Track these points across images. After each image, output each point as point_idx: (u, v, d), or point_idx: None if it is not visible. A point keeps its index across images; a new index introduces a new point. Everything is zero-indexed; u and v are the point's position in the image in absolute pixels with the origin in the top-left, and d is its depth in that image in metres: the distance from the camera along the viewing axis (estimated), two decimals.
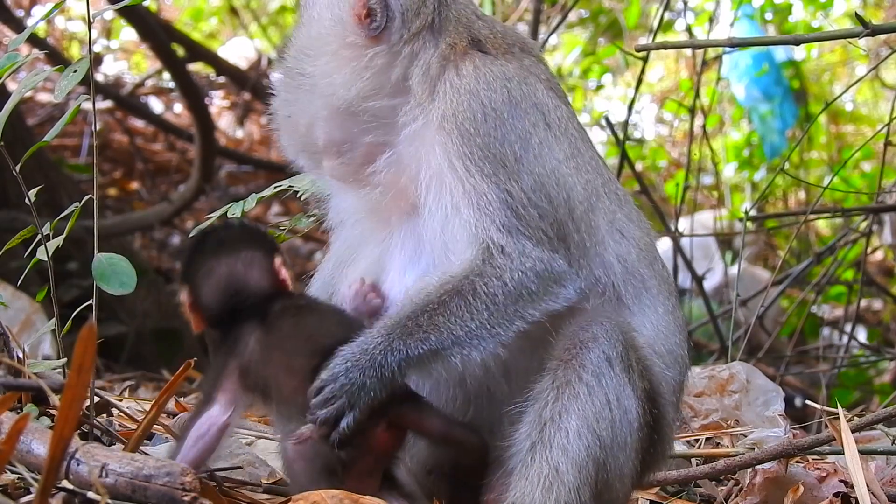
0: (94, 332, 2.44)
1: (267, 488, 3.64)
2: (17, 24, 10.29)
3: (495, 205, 3.05)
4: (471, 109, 3.11)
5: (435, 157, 3.12)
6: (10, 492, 2.88)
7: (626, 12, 12.86)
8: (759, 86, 12.24)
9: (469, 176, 3.07)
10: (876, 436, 4.31)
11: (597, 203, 3.23)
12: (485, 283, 3.01)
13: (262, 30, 14.32)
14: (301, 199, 3.92)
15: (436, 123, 3.13)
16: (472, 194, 3.06)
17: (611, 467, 2.97)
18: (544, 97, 3.23)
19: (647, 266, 3.29)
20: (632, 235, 3.29)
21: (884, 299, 10.97)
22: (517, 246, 3.04)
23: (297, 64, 3.30)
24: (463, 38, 3.24)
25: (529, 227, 3.06)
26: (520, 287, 3.01)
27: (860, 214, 7.10)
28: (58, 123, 3.59)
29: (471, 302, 2.99)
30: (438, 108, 3.14)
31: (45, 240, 3.64)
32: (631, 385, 3.02)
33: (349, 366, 2.93)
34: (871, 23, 4.45)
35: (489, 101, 3.12)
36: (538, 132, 3.15)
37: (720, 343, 7.42)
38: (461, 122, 3.10)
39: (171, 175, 12.70)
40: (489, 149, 3.09)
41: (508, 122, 3.12)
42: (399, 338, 2.95)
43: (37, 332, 4.69)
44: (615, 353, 3.00)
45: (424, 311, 2.99)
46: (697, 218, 9.55)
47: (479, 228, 3.05)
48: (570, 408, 2.95)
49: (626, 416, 3.00)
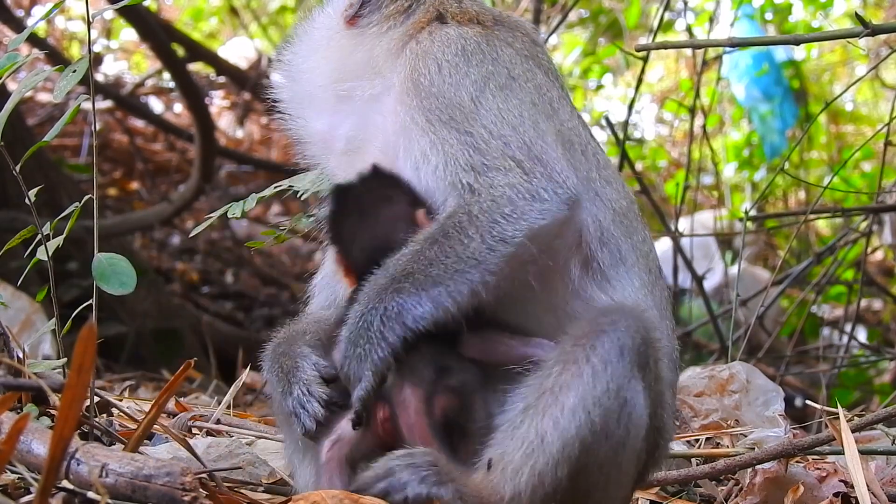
0: (94, 332, 2.44)
1: (267, 488, 3.64)
2: (17, 24, 10.29)
3: (456, 147, 3.09)
4: (425, 66, 3.21)
5: (398, 117, 3.20)
6: (10, 492, 2.88)
7: (626, 12, 12.87)
8: (759, 86, 12.24)
9: (430, 126, 3.13)
10: (876, 436, 4.31)
11: (571, 154, 3.22)
12: (454, 221, 3.01)
13: (262, 30, 14.33)
14: (301, 199, 3.92)
15: (396, 88, 3.24)
16: (436, 143, 3.11)
17: (595, 455, 2.94)
18: (512, 59, 3.28)
19: (625, 236, 3.26)
20: (609, 199, 3.27)
21: (884, 299, 10.97)
22: (485, 181, 3.04)
23: (296, 61, 3.51)
24: (429, 14, 3.37)
25: (496, 159, 3.07)
26: (492, 213, 2.99)
27: (860, 214, 7.10)
28: (58, 123, 3.60)
29: (442, 242, 2.99)
30: (399, 73, 3.26)
31: (45, 240, 3.64)
32: (643, 382, 2.98)
33: (345, 344, 2.98)
34: (871, 23, 4.45)
35: (442, 55, 3.21)
36: (497, 79, 3.20)
37: (720, 343, 7.42)
38: (416, 78, 3.20)
39: (171, 175, 12.70)
40: (444, 96, 3.15)
41: (462, 70, 3.18)
42: (377, 296, 2.96)
43: (37, 332, 4.69)
44: (630, 344, 2.96)
45: (398, 266, 3.00)
46: (697, 218, 9.55)
47: (447, 172, 3.08)
48: (572, 385, 2.92)
49: (624, 408, 2.97)
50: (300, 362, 3.14)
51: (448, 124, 3.12)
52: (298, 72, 3.48)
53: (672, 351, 3.30)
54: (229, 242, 12.11)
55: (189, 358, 3.40)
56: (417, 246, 3.02)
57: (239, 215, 3.97)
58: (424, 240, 3.03)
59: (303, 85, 3.47)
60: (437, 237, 3.01)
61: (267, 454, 3.84)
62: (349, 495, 2.87)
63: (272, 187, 4.08)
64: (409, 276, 2.97)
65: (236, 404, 4.85)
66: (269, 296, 11.52)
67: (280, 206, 12.12)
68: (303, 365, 3.13)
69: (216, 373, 8.05)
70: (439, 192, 3.11)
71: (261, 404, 6.46)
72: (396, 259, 3.03)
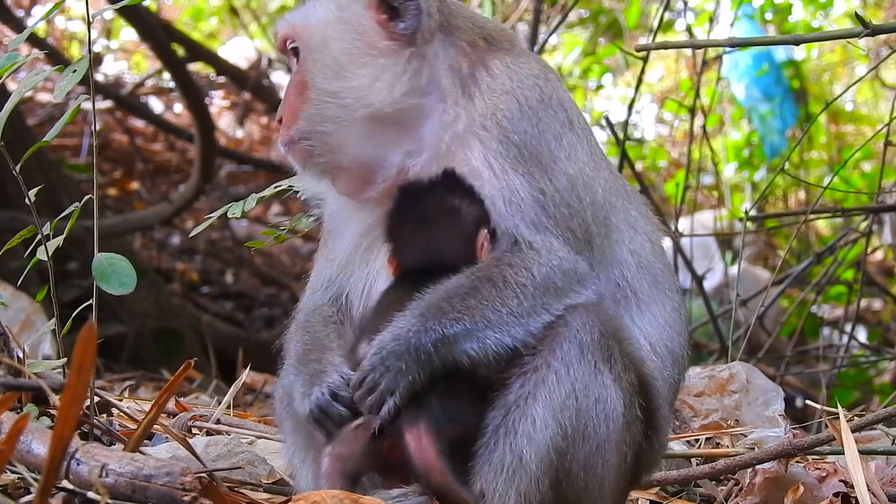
0: (94, 332, 2.44)
1: (267, 488, 3.64)
2: (17, 24, 10.30)
3: (528, 202, 3.11)
4: (508, 108, 3.18)
5: (473, 154, 3.16)
6: (10, 492, 2.88)
7: (626, 12, 12.87)
8: (759, 86, 12.25)
9: (504, 173, 3.13)
10: (876, 436, 4.32)
11: (615, 202, 3.29)
12: (514, 273, 3.04)
13: (262, 30, 14.32)
14: (301, 199, 3.92)
15: (477, 122, 3.18)
16: (506, 190, 3.12)
17: (573, 457, 2.96)
18: (563, 93, 3.32)
19: (659, 260, 3.34)
20: (644, 230, 3.35)
21: (884, 299, 10.98)
22: (545, 242, 3.09)
23: (323, 85, 3.24)
24: (476, 34, 3.31)
25: (558, 227, 3.12)
26: (546, 281, 3.04)
27: (860, 214, 7.10)
28: (58, 123, 3.60)
29: (501, 289, 3.01)
30: (477, 107, 3.20)
31: (45, 240, 3.64)
32: (611, 375, 3.01)
33: (385, 354, 2.95)
34: (871, 23, 4.45)
35: (525, 100, 3.19)
36: (566, 132, 3.22)
37: (720, 343, 7.42)
38: (499, 120, 3.17)
39: (171, 175, 12.71)
40: (525, 146, 3.15)
41: (543, 121, 3.19)
42: (434, 318, 2.96)
43: (37, 332, 4.69)
44: (589, 341, 3.00)
45: (457, 294, 3.00)
46: (697, 218, 9.55)
47: (510, 223, 3.10)
48: (537, 394, 2.96)
49: (596, 405, 2.98)
50: (329, 368, 3.09)
51: (525, 177, 3.13)
52: (328, 91, 3.24)
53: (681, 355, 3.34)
54: (229, 242, 12.12)
55: (189, 358, 3.40)
56: (478, 281, 3.02)
57: (239, 215, 3.97)
58: (485, 277, 3.03)
59: (336, 106, 3.24)
60: (497, 281, 3.02)
61: (267, 454, 3.84)
62: (349, 495, 2.88)
63: (272, 187, 4.08)
64: (469, 312, 2.98)
65: (236, 404, 4.86)
66: (269, 296, 11.53)
67: (280, 206, 12.12)
68: (331, 371, 3.08)
69: (216, 373, 8.05)
70: (499, 232, 3.13)
71: (261, 404, 6.47)
72: (457, 286, 3.02)
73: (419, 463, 2.95)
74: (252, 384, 7.05)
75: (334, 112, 3.23)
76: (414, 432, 2.96)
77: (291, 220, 4.12)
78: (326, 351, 3.16)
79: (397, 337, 2.97)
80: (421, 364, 2.95)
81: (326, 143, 3.24)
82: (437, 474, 2.94)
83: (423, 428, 2.96)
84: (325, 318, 3.32)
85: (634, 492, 3.85)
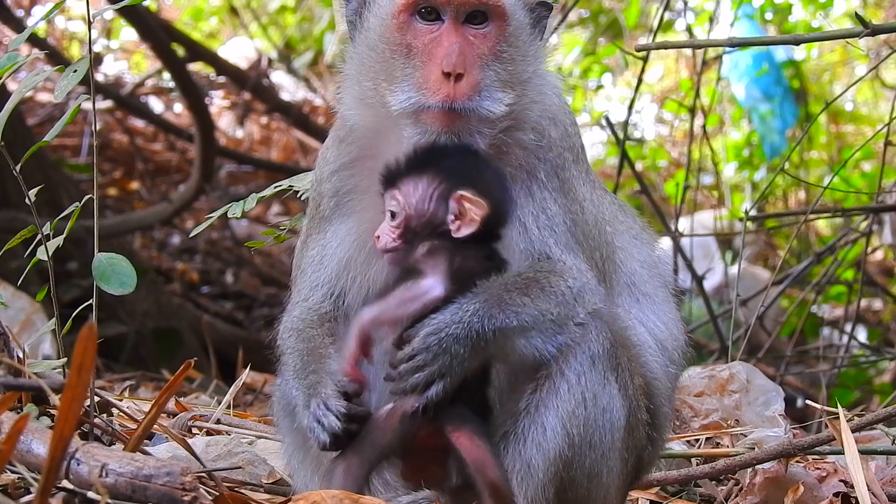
0: (94, 332, 2.44)
1: (267, 488, 3.65)
2: (17, 24, 10.28)
3: (560, 228, 3.16)
4: (562, 158, 3.25)
5: (519, 177, 3.19)
6: (10, 492, 2.88)
7: (626, 12, 12.86)
8: (759, 86, 12.24)
9: (543, 200, 3.17)
10: (876, 436, 4.32)
11: (617, 225, 3.42)
12: (556, 280, 3.05)
13: (262, 30, 14.32)
14: (301, 199, 3.92)
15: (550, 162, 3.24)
16: (542, 216, 3.16)
17: (579, 466, 2.98)
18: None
19: (660, 269, 3.48)
20: (645, 241, 3.50)
21: (884, 299, 10.97)
22: (576, 261, 3.14)
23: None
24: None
25: (584, 253, 3.18)
26: (580, 293, 3.07)
27: (860, 214, 7.10)
28: (58, 123, 3.60)
29: (546, 291, 3.02)
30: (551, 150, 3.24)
31: (45, 240, 3.64)
32: (618, 384, 3.03)
33: (443, 336, 2.91)
34: (871, 23, 4.45)
35: (572, 136, 3.29)
36: (590, 172, 3.35)
37: (720, 343, 7.42)
38: (560, 169, 3.24)
39: (171, 175, 12.70)
40: (563, 181, 3.22)
41: (582, 159, 3.30)
42: (497, 306, 2.95)
43: (37, 332, 4.69)
44: (601, 352, 3.02)
45: (515, 288, 3.00)
46: (697, 218, 9.55)
47: (541, 243, 3.14)
48: (549, 402, 2.98)
49: (603, 415, 3.01)
50: (325, 378, 3.08)
51: (559, 204, 3.19)
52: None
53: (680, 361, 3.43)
54: (229, 242, 12.11)
55: (189, 358, 3.40)
56: (525, 282, 3.03)
57: (239, 215, 3.98)
58: (531, 279, 3.04)
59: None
60: (544, 285, 3.04)
61: (267, 454, 3.84)
62: (349, 495, 2.88)
63: (272, 187, 4.08)
64: (524, 309, 2.97)
65: (236, 404, 4.86)
66: (269, 296, 11.51)
67: (280, 206, 12.12)
68: (326, 381, 3.07)
69: (216, 373, 8.05)
70: (520, 254, 3.14)
71: (261, 404, 6.46)
72: (512, 281, 3.02)
73: (472, 457, 2.92)
74: (252, 384, 7.05)
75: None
76: (464, 426, 2.94)
77: (291, 220, 4.12)
78: (323, 359, 3.15)
79: (459, 320, 2.93)
80: (478, 351, 2.92)
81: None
82: (492, 468, 2.92)
83: (470, 420, 2.95)
84: (321, 317, 3.31)
85: (634, 491, 3.86)
